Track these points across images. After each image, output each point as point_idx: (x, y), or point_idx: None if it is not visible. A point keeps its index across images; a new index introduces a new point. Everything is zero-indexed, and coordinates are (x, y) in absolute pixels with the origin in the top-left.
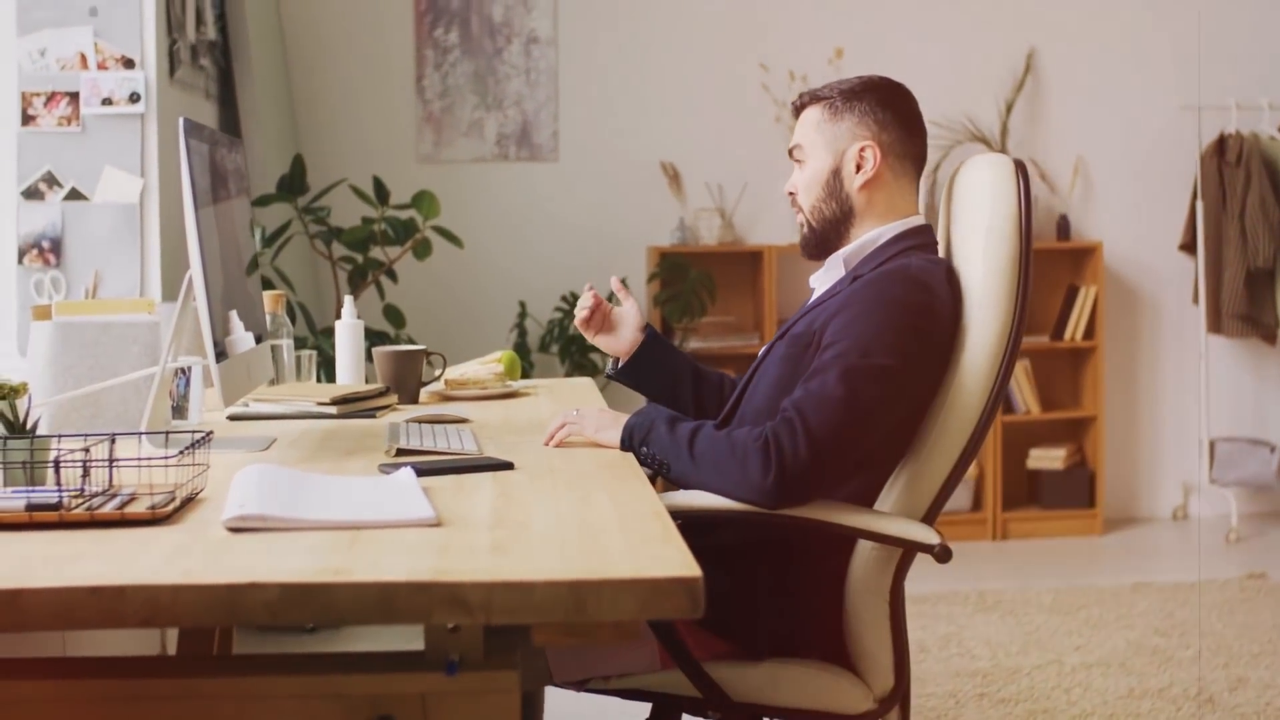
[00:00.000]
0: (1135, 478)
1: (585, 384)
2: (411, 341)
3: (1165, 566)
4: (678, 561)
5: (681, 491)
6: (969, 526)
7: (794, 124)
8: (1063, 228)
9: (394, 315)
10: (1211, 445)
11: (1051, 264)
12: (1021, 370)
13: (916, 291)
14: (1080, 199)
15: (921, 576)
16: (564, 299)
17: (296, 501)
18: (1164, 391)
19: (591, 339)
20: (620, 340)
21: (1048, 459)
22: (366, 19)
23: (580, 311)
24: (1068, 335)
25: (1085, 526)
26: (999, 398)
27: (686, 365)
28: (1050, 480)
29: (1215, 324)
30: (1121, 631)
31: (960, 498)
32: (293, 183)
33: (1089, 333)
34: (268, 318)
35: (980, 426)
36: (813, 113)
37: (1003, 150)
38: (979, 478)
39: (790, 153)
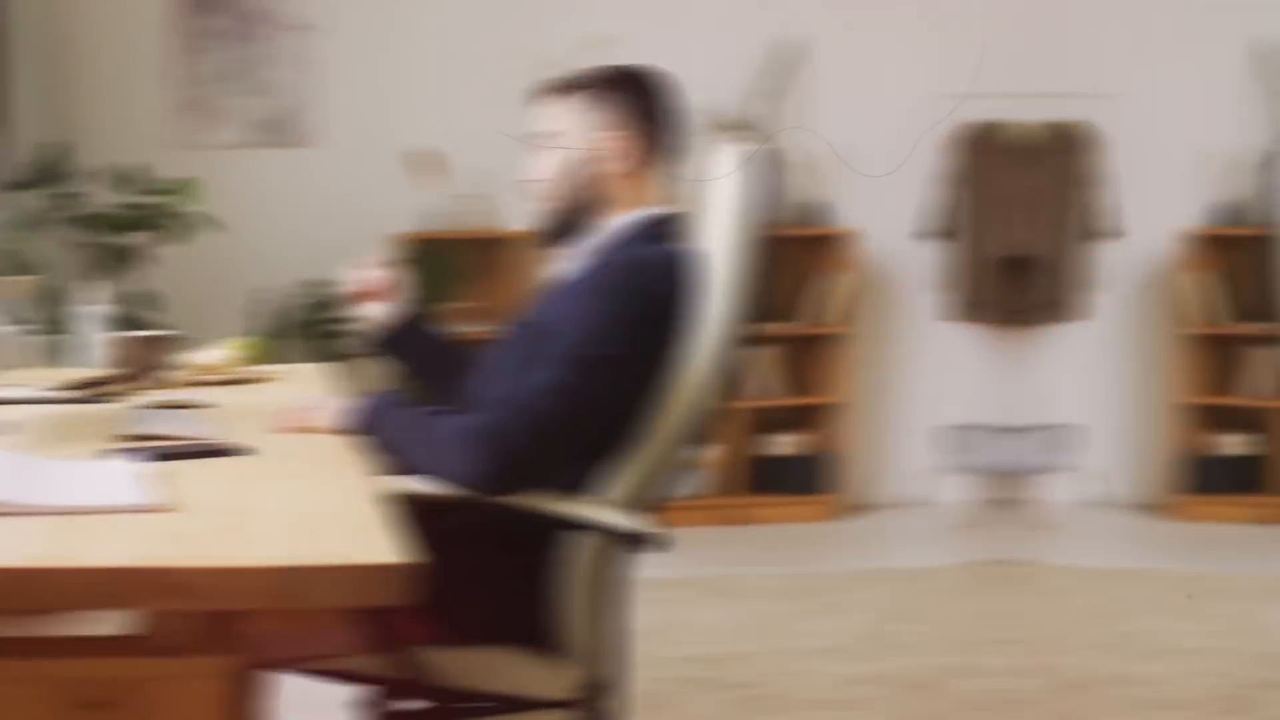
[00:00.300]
0: (878, 463)
1: (327, 370)
2: (167, 328)
3: (902, 553)
4: (391, 548)
5: (411, 477)
6: (705, 512)
7: (543, 109)
8: (817, 215)
9: (148, 301)
10: (954, 432)
11: (805, 251)
12: (769, 356)
13: (642, 280)
14: (835, 186)
15: (653, 562)
16: (311, 284)
17: (17, 486)
18: (909, 378)
19: (356, 309)
20: (384, 311)
21: (789, 444)
22: (128, 5)
23: (357, 284)
24: (819, 322)
25: (824, 512)
26: (726, 384)
27: (447, 342)
28: (791, 466)
29: (962, 311)
30: (854, 617)
31: (698, 483)
32: (50, 169)
33: (841, 319)
34: (5, 303)
35: (706, 413)
36: (564, 99)
37: (762, 138)
38: (719, 463)
39: (537, 138)
